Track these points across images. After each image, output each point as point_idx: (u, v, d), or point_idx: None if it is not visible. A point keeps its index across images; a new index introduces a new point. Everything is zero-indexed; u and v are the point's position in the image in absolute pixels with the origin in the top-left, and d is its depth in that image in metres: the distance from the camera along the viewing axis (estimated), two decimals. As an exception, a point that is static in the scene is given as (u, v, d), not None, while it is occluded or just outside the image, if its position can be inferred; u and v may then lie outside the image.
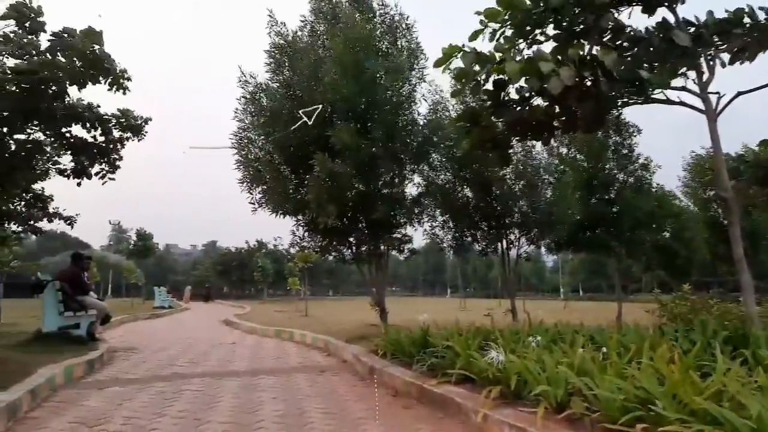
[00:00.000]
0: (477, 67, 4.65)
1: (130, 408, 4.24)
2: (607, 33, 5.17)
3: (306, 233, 9.96)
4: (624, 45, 5.15)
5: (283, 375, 5.90)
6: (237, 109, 9.45)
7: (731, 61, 5.34)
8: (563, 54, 4.55)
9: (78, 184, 8.64)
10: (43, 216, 9.70)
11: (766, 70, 6.82)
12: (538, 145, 10.17)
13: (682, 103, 5.72)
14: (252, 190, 9.52)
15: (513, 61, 4.43)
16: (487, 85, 4.90)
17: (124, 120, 8.29)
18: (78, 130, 8.13)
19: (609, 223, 12.02)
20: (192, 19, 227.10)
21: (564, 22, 5.16)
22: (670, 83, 5.68)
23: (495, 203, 10.15)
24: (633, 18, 6.07)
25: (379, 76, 8.47)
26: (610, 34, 5.17)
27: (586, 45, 4.92)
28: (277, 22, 9.67)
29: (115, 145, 8.41)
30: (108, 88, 7.68)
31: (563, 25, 5.18)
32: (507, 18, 4.95)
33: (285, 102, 9.05)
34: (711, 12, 5.14)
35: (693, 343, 4.20)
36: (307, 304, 18.99)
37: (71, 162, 8.45)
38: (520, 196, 10.15)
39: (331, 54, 8.83)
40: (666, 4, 5.33)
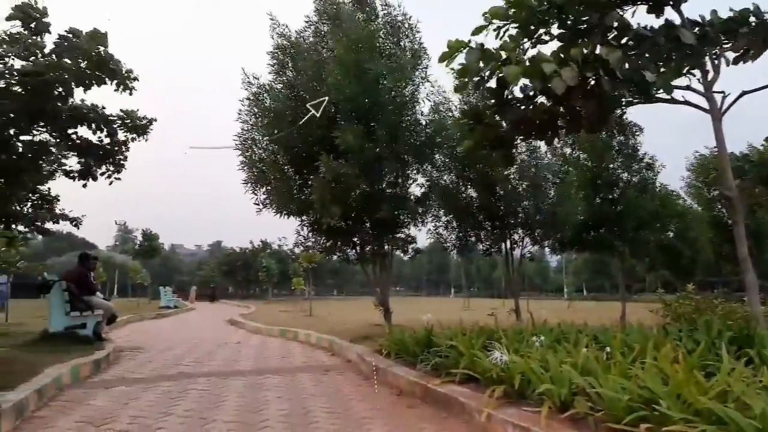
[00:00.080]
0: (482, 63, 4.65)
1: (137, 407, 4.26)
2: (611, 31, 5.17)
3: (310, 233, 9.98)
4: (629, 44, 5.14)
5: (287, 374, 5.91)
6: (240, 110, 9.48)
7: (736, 60, 5.32)
8: (568, 53, 4.55)
9: (84, 185, 8.72)
10: (50, 217, 9.78)
11: (771, 69, 6.79)
12: (542, 145, 10.16)
13: (687, 103, 5.69)
14: (256, 191, 9.54)
15: (512, 65, 4.42)
16: (491, 83, 4.90)
17: (129, 121, 8.35)
18: (84, 132, 8.21)
19: (613, 223, 11.97)
20: (192, 20, 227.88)
21: (569, 20, 5.16)
22: (674, 82, 5.66)
23: (499, 203, 10.14)
24: (638, 17, 6.06)
25: (382, 77, 8.48)
26: (615, 33, 5.17)
27: (591, 44, 4.91)
28: (279, 24, 9.70)
29: (121, 147, 8.48)
30: (114, 89, 7.74)
31: (568, 24, 5.18)
32: (511, 15, 4.95)
33: (289, 103, 9.08)
34: (715, 11, 5.13)
35: (697, 343, 4.18)
36: (312, 303, 19.04)
37: (77, 163, 8.52)
38: (524, 196, 10.15)
39: (334, 55, 8.84)
40: (671, 3, 5.31)
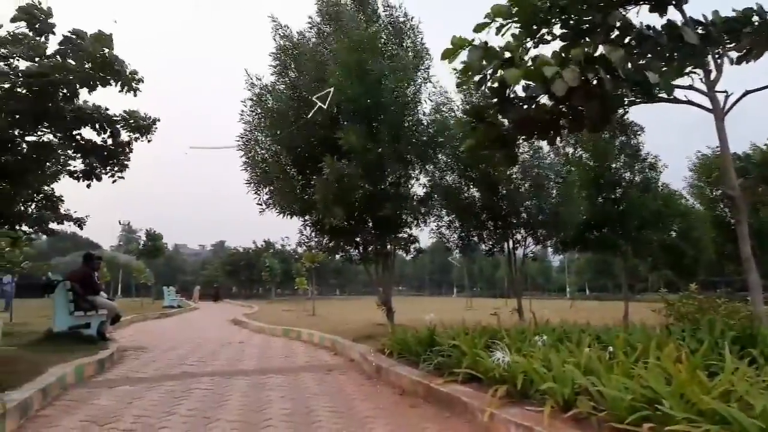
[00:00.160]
0: (484, 62, 4.65)
1: (140, 407, 4.28)
2: (614, 31, 5.16)
3: (313, 233, 10.01)
4: (631, 43, 5.13)
5: (291, 374, 5.92)
6: (243, 111, 9.52)
7: (739, 60, 5.31)
8: (570, 53, 4.54)
9: (87, 186, 8.76)
10: (55, 218, 9.82)
11: (774, 69, 6.77)
12: (545, 144, 10.15)
13: (690, 102, 5.68)
14: (259, 191, 9.58)
15: (513, 68, 4.41)
16: (493, 82, 4.89)
17: (132, 121, 8.38)
18: (88, 133, 8.25)
19: (615, 223, 11.97)
20: (192, 20, 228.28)
21: (571, 20, 5.15)
22: (677, 82, 5.65)
23: (501, 203, 10.14)
24: (641, 16, 6.06)
25: (384, 77, 8.48)
26: (618, 32, 5.16)
27: (593, 43, 4.91)
28: (281, 26, 9.71)
29: (124, 147, 8.51)
30: (119, 90, 7.77)
31: (570, 24, 5.18)
32: (514, 14, 4.94)
33: (291, 103, 9.09)
34: (717, 11, 5.12)
35: (700, 343, 4.17)
36: (315, 303, 19.04)
37: (81, 164, 8.56)
38: (527, 195, 10.14)
39: (336, 55, 8.85)
40: (674, 3, 5.31)
